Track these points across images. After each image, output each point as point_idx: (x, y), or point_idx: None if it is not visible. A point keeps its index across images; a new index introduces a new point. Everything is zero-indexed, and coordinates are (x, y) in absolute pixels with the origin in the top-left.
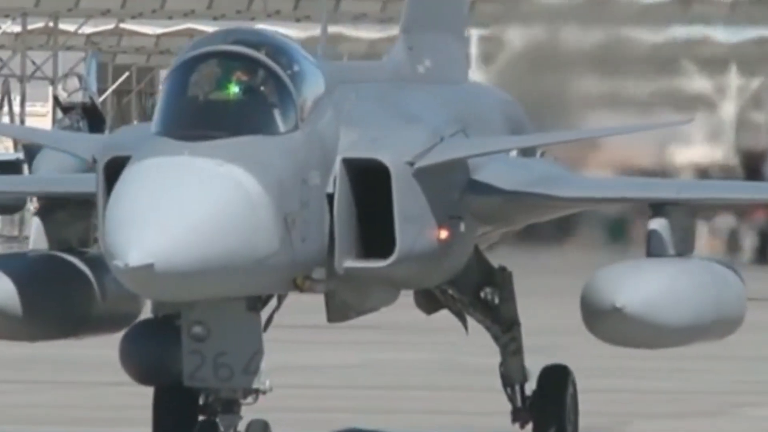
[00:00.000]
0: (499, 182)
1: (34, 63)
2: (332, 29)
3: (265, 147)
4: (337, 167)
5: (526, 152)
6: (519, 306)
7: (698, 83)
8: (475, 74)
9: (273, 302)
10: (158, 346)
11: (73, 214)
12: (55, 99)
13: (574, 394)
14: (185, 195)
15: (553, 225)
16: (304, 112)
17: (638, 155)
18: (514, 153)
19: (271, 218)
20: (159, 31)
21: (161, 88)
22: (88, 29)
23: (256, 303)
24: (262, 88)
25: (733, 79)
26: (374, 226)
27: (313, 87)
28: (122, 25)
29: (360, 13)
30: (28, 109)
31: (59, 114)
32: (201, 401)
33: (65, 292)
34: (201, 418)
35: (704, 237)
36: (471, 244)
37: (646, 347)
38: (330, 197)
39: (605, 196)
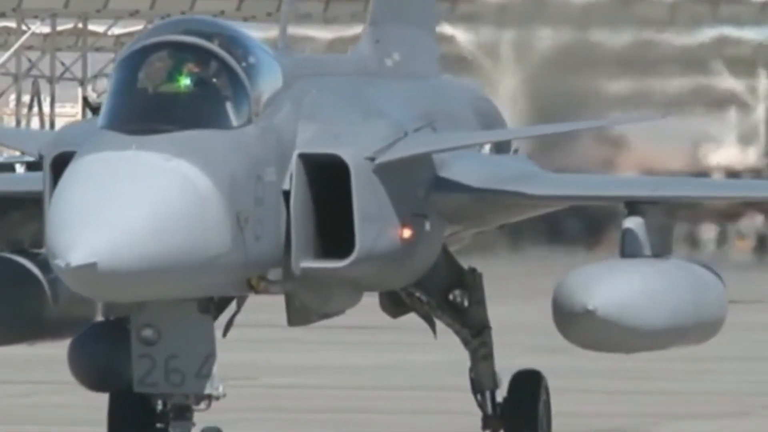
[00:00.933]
0: (467, 179)
1: (63, 64)
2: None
3: (216, 141)
4: (294, 163)
5: (500, 149)
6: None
7: (728, 83)
8: (504, 75)
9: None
10: (109, 351)
11: (26, 214)
12: (85, 100)
13: (547, 401)
14: (131, 191)
15: (583, 226)
16: (259, 106)
17: (669, 157)
18: (486, 150)
19: (222, 216)
20: None
21: (109, 80)
22: (117, 30)
23: (209, 305)
24: (214, 80)
25: (762, 80)
26: (333, 225)
27: (269, 80)
28: (151, 26)
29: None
30: (57, 110)
31: (89, 114)
32: (159, 408)
33: (15, 296)
34: (158, 425)
35: (732, 238)
36: (438, 244)
37: (620, 351)
38: (286, 194)
39: (578, 194)
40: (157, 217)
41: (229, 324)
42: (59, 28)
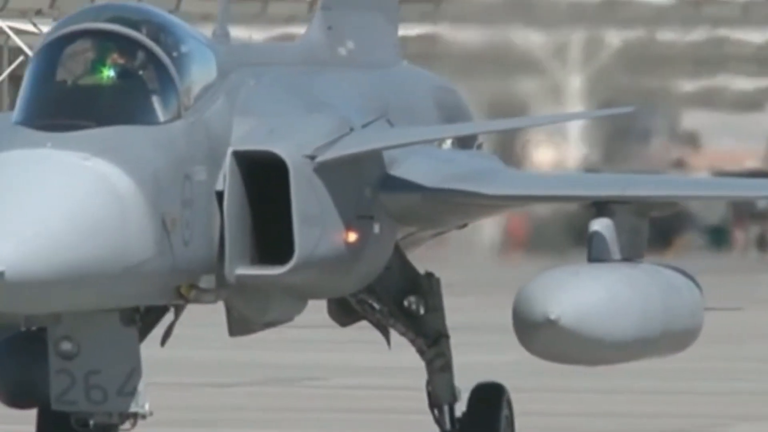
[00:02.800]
0: (418, 178)
1: None
2: None
3: (139, 138)
4: (228, 161)
5: (464, 145)
6: None
7: None
8: (573, 74)
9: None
10: (28, 365)
11: None
12: None
13: (509, 416)
14: (44, 193)
15: (653, 230)
16: (189, 100)
17: (744, 155)
18: (448, 145)
19: (144, 219)
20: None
21: (25, 72)
22: None
23: (133, 316)
24: (138, 72)
25: None
26: (271, 228)
27: (201, 71)
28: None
29: None
30: None
31: None
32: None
33: None
34: None
35: None
36: (388, 247)
37: (585, 363)
38: (220, 195)
39: (539, 193)
40: (71, 222)
41: (167, 333)
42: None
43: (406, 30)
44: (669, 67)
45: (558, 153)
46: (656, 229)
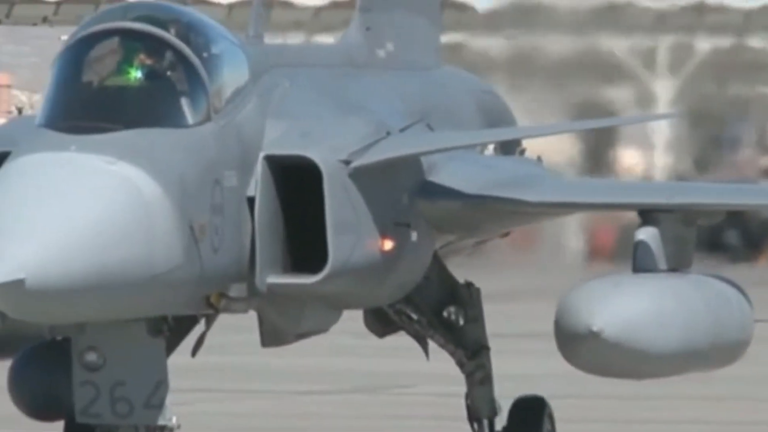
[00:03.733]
0: (458, 184)
1: None
2: None
3: (167, 142)
4: (260, 166)
5: (507, 150)
6: None
7: None
8: (662, 81)
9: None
10: (52, 376)
11: None
12: None
13: (551, 431)
14: (66, 198)
15: (744, 238)
16: (219, 102)
17: None
18: (490, 150)
19: (171, 225)
20: None
21: (50, 72)
22: None
23: (160, 326)
24: (166, 73)
25: None
26: (304, 236)
27: (232, 72)
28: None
29: None
30: None
31: None
32: None
33: None
34: None
35: None
36: (427, 255)
37: (629, 377)
38: (251, 201)
39: (583, 201)
40: (95, 228)
41: (198, 343)
42: None
43: (497, 39)
44: (759, 74)
45: (645, 160)
46: (746, 238)
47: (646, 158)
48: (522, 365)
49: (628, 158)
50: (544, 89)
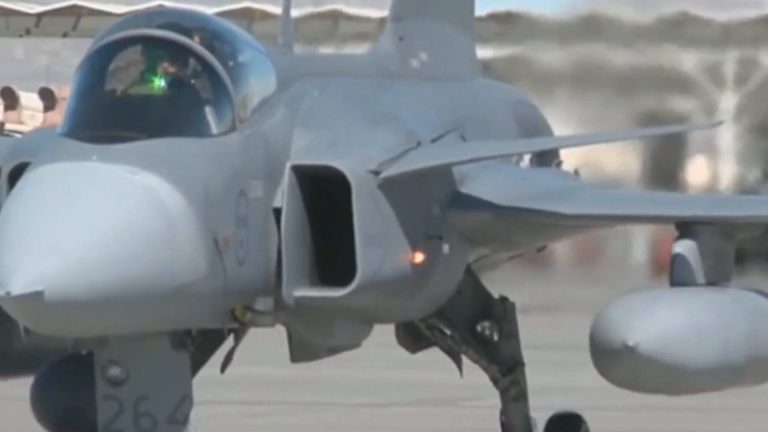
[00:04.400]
0: (490, 196)
1: None
2: None
3: (190, 151)
4: (286, 177)
5: (543, 163)
6: None
7: None
8: (727, 94)
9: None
10: (75, 390)
11: None
12: None
13: None
14: (87, 208)
15: None
16: (245, 111)
17: None
18: (526, 163)
19: (195, 237)
20: None
21: (72, 81)
22: None
23: (184, 340)
24: (191, 81)
25: None
26: (332, 248)
27: (259, 81)
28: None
29: None
30: None
31: None
32: None
33: None
34: None
35: None
36: (459, 269)
37: (665, 392)
38: (277, 213)
39: (619, 213)
40: (116, 239)
41: (227, 359)
42: None
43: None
44: None
45: (711, 171)
46: None
47: (713, 169)
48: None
49: (695, 170)
50: (608, 102)
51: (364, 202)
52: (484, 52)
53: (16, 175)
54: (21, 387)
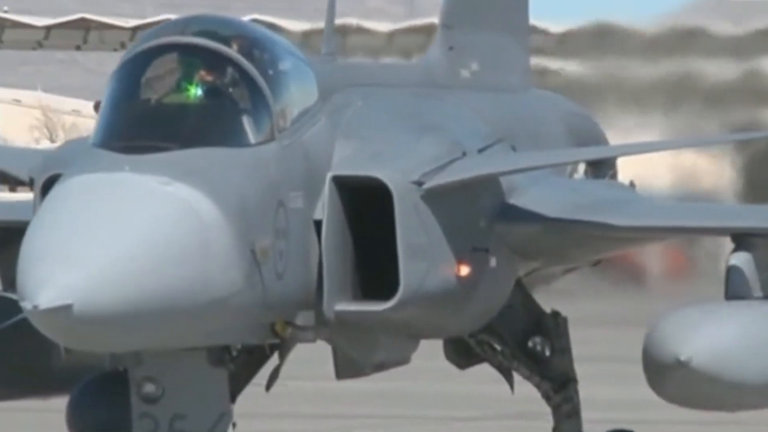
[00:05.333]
0: (539, 207)
1: None
2: None
3: (226, 161)
4: (327, 187)
5: (597, 174)
6: None
7: None
8: None
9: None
10: (111, 407)
11: None
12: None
13: None
14: (118, 220)
15: None
16: (284, 121)
17: None
18: (580, 174)
19: (230, 249)
20: None
21: (105, 90)
22: None
23: (222, 356)
24: (227, 90)
25: None
26: (374, 261)
27: (299, 90)
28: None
29: None
30: None
31: None
32: None
33: (18, 343)
34: None
35: None
36: (508, 282)
37: (719, 409)
38: (318, 224)
39: (673, 225)
40: (148, 251)
41: (272, 377)
42: None
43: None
44: None
45: None
46: None
47: None
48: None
49: None
50: (702, 113)
51: (407, 214)
52: (574, 66)
53: (48, 187)
54: (64, 399)
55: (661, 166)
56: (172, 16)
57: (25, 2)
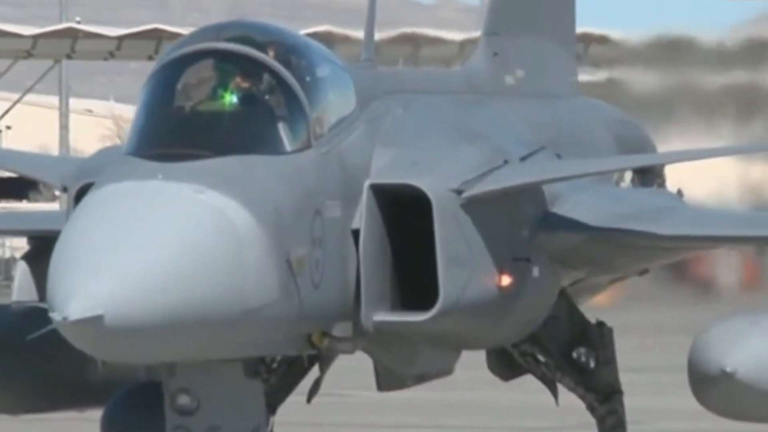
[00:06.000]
0: (583, 216)
1: None
2: None
3: (261, 169)
4: (365, 196)
5: (645, 183)
6: None
7: None
8: None
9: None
10: (145, 419)
11: None
12: None
13: None
14: (150, 229)
15: None
16: (321, 128)
17: None
18: (627, 183)
19: (265, 259)
20: None
21: (138, 97)
22: None
23: (257, 367)
24: (263, 97)
25: None
26: (413, 271)
27: (337, 97)
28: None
29: None
30: None
31: None
32: None
33: (54, 354)
34: None
35: None
36: (551, 292)
37: (764, 421)
38: (356, 234)
39: (720, 234)
40: (180, 261)
41: (314, 388)
42: None
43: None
44: None
45: None
46: None
47: None
48: None
49: None
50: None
51: (447, 223)
52: (647, 77)
53: (82, 195)
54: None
55: (728, 177)
56: None
57: (97, 13)
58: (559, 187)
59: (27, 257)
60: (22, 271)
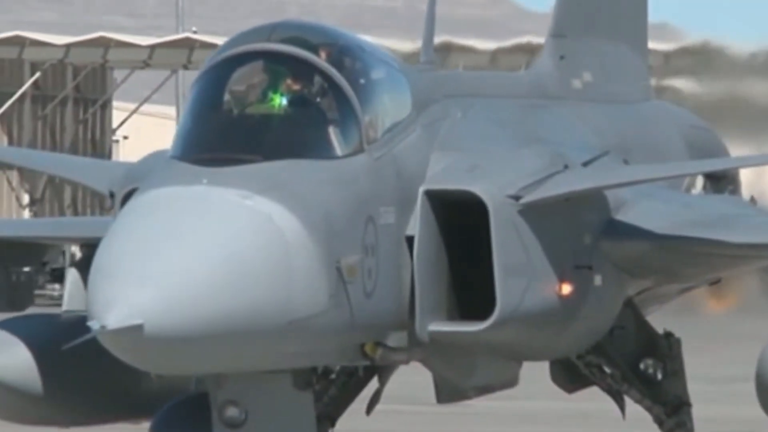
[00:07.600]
0: (648, 224)
1: None
2: None
3: (311, 175)
4: (419, 202)
5: (717, 189)
6: None
7: None
8: None
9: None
10: (193, 431)
11: None
12: None
13: None
14: (194, 236)
15: None
16: (374, 132)
17: None
18: (698, 190)
19: (315, 266)
20: None
21: (185, 99)
22: None
23: (308, 378)
24: (314, 99)
25: None
26: (470, 279)
27: (391, 101)
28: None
29: None
30: None
31: None
32: None
33: (105, 365)
34: None
35: None
36: (616, 302)
37: None
38: (410, 241)
39: None
40: (223, 268)
41: (373, 400)
42: None
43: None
44: None
45: None
46: None
47: None
48: None
49: None
50: None
51: (504, 229)
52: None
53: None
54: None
55: None
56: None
57: (214, 23)
58: (624, 192)
59: (78, 265)
60: (72, 280)
